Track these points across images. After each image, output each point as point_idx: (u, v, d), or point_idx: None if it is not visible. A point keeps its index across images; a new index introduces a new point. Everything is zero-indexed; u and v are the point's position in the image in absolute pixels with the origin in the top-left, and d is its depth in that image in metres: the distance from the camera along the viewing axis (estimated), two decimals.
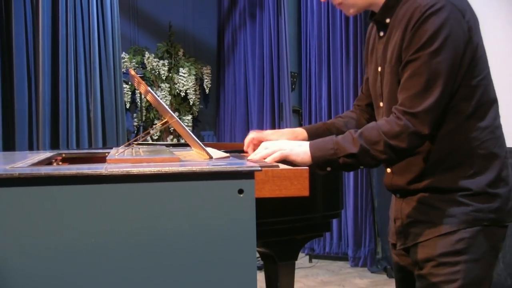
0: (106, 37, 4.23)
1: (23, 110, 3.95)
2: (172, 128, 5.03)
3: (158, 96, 2.75)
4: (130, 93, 5.28)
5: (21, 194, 1.04)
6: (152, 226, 1.07)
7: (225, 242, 1.09)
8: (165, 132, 5.29)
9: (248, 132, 1.64)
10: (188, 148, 2.10)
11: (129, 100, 5.26)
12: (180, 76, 5.39)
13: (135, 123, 5.31)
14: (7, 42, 3.95)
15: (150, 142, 4.54)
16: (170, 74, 5.42)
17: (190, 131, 1.66)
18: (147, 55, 5.34)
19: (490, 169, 1.42)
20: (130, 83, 5.16)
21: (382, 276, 4.09)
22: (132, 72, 1.57)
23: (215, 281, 1.09)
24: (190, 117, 5.50)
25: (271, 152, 1.37)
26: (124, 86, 4.94)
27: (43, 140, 3.92)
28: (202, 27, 5.69)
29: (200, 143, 1.39)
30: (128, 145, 1.67)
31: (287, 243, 2.04)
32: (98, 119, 4.17)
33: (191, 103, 5.48)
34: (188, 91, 5.42)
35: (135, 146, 1.92)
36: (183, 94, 5.43)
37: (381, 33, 1.51)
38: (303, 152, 1.38)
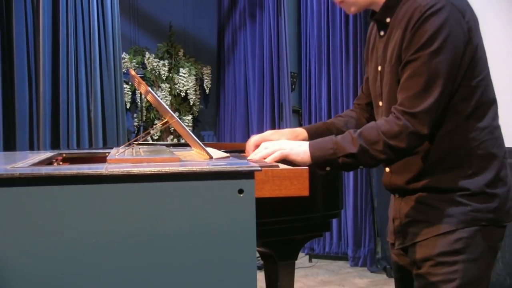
0: (106, 37, 4.23)
1: (24, 110, 3.95)
2: (172, 128, 5.03)
3: (158, 96, 2.74)
4: (130, 93, 5.28)
5: (21, 194, 1.04)
6: (152, 226, 1.07)
7: (225, 242, 1.09)
8: (165, 132, 5.29)
9: (248, 132, 1.64)
10: (188, 148, 2.11)
11: (129, 100, 5.27)
12: (180, 76, 5.40)
13: (136, 123, 5.31)
14: (8, 42, 3.95)
15: (151, 142, 4.55)
16: (170, 74, 5.42)
17: (190, 131, 1.66)
18: (147, 55, 5.35)
19: (489, 169, 1.42)
20: (130, 83, 5.16)
21: (382, 276, 4.09)
22: (133, 72, 1.56)
23: (215, 281, 1.09)
24: (190, 117, 5.50)
25: (271, 152, 1.38)
26: (125, 86, 4.94)
27: (43, 140, 3.93)
28: (202, 28, 5.69)
29: (200, 143, 1.39)
30: (129, 145, 1.67)
31: (287, 243, 2.04)
32: (98, 119, 4.17)
33: (191, 103, 5.48)
34: (188, 91, 5.42)
35: (135, 146, 1.92)
36: (183, 94, 5.43)
37: (381, 32, 1.51)
38: (303, 152, 1.38)
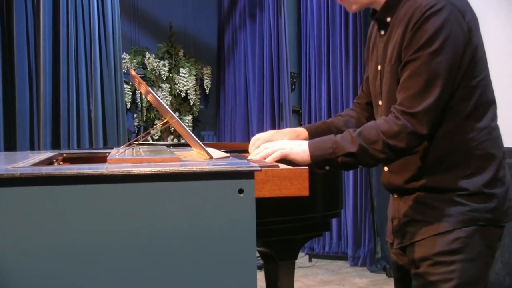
0: (106, 37, 4.23)
1: (24, 110, 3.96)
2: (172, 128, 5.03)
3: (159, 96, 2.75)
4: (130, 93, 5.28)
5: (22, 194, 1.04)
6: (153, 225, 1.07)
7: (225, 242, 1.09)
8: (165, 132, 5.29)
9: (248, 132, 1.65)
10: (188, 148, 2.11)
11: (129, 100, 5.27)
12: (181, 76, 5.40)
13: (136, 123, 5.32)
14: (9, 42, 3.95)
15: (151, 142, 4.55)
16: (171, 75, 5.42)
17: (191, 131, 1.66)
18: (147, 55, 5.35)
19: (487, 169, 1.43)
20: (130, 84, 5.16)
21: (382, 276, 4.09)
22: (133, 73, 1.57)
23: (215, 280, 1.09)
24: (190, 117, 5.50)
25: (271, 152, 1.38)
26: (125, 86, 4.94)
27: (44, 140, 3.93)
28: (202, 28, 5.69)
29: (200, 143, 1.39)
30: (129, 145, 1.67)
31: (287, 243, 2.04)
32: (99, 119, 4.18)
33: (192, 103, 5.48)
34: (188, 91, 5.42)
35: (135, 146, 1.92)
36: (183, 94, 5.43)
37: (381, 31, 1.51)
38: (303, 151, 1.39)
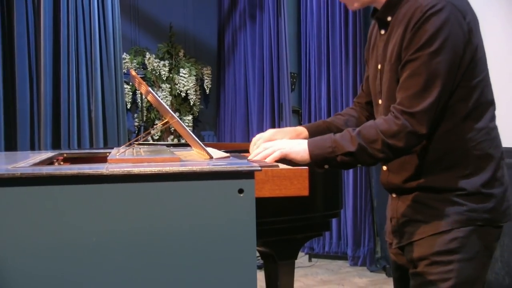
0: (107, 37, 4.24)
1: (25, 110, 3.96)
2: (172, 128, 5.03)
3: (159, 97, 2.76)
4: (131, 93, 5.28)
5: (22, 194, 1.04)
6: (153, 225, 1.07)
7: (225, 242, 1.09)
8: (165, 132, 5.30)
9: (248, 132, 1.65)
10: (188, 148, 2.11)
11: (130, 100, 5.27)
12: (181, 76, 5.40)
13: (136, 123, 5.32)
14: (9, 43, 3.96)
15: (151, 142, 4.55)
16: (171, 75, 5.42)
17: (191, 131, 1.67)
18: (147, 55, 5.35)
19: (485, 169, 1.43)
20: (131, 84, 5.17)
21: (381, 275, 4.09)
22: (133, 73, 1.57)
23: (215, 280, 1.09)
24: (190, 117, 5.50)
25: (271, 152, 1.39)
26: (125, 86, 4.95)
27: (44, 140, 3.94)
28: (202, 28, 5.70)
29: (201, 143, 1.39)
30: (129, 145, 1.67)
31: (287, 243, 2.04)
32: (99, 119, 4.18)
33: (192, 103, 5.49)
34: (188, 92, 5.43)
35: (136, 146, 1.93)
36: (183, 94, 5.43)
37: (382, 31, 1.52)
38: (303, 150, 1.39)
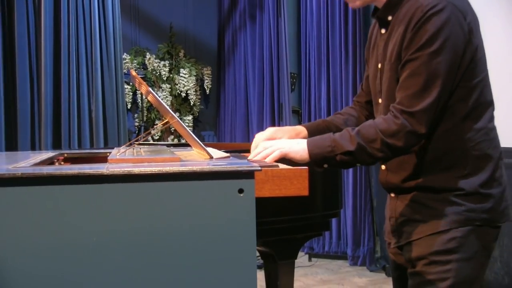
0: (107, 38, 4.25)
1: (26, 110, 3.97)
2: (173, 128, 5.04)
3: (159, 97, 2.75)
4: (131, 93, 5.29)
5: (23, 194, 1.04)
6: (153, 225, 1.07)
7: (225, 242, 1.09)
8: (166, 132, 5.30)
9: (248, 132, 1.65)
10: (188, 148, 2.11)
11: (130, 100, 5.28)
12: (181, 76, 5.41)
13: (136, 123, 5.33)
14: (10, 43, 3.96)
15: (151, 142, 4.56)
16: (171, 75, 5.43)
17: (191, 131, 1.67)
18: (148, 56, 5.36)
19: (484, 170, 1.43)
20: (131, 84, 5.17)
21: (381, 275, 4.09)
22: (133, 73, 1.57)
23: (215, 280, 1.09)
24: (190, 117, 5.51)
25: (270, 152, 1.39)
26: (126, 86, 4.95)
27: (45, 140, 3.94)
28: (202, 28, 5.70)
29: (201, 143, 1.40)
30: (130, 145, 1.68)
31: (287, 242, 2.05)
32: (99, 119, 4.19)
33: (192, 103, 5.49)
34: (188, 92, 5.43)
35: (136, 146, 1.93)
36: (183, 94, 5.44)
37: (382, 30, 1.52)
38: (302, 150, 1.39)
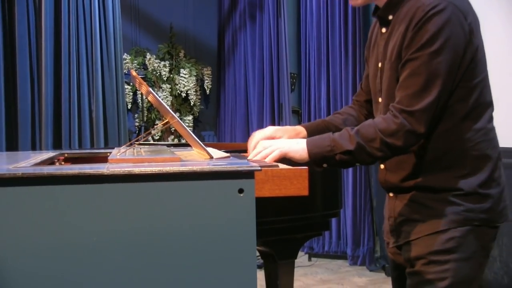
0: (108, 38, 4.25)
1: (26, 110, 3.97)
2: (173, 128, 5.04)
3: (159, 97, 2.76)
4: (131, 93, 5.29)
5: (23, 194, 1.04)
6: (153, 225, 1.07)
7: (225, 241, 1.09)
8: (166, 132, 5.30)
9: (248, 132, 1.64)
10: (189, 148, 2.12)
11: (130, 100, 5.28)
12: (181, 77, 5.41)
13: (137, 123, 5.33)
14: (11, 44, 3.97)
15: (152, 142, 4.56)
16: (171, 75, 5.43)
17: (191, 131, 1.67)
18: (148, 56, 5.36)
19: (483, 170, 1.43)
20: (131, 84, 5.18)
21: (381, 275, 4.09)
22: (134, 73, 1.57)
23: (215, 280, 1.09)
24: (191, 117, 5.51)
25: (270, 152, 1.39)
26: (126, 86, 4.95)
27: (45, 140, 3.95)
28: (202, 29, 5.71)
29: (201, 143, 1.40)
30: (130, 145, 1.68)
31: (287, 242, 2.05)
32: (100, 120, 4.19)
33: (192, 103, 5.50)
34: (189, 92, 5.43)
35: (136, 146, 1.94)
36: (184, 94, 5.44)
37: (383, 29, 1.52)
38: (301, 149, 1.40)
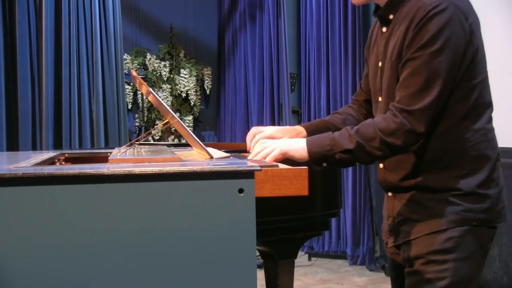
0: (108, 38, 4.25)
1: (27, 110, 3.98)
2: (173, 128, 5.04)
3: (160, 97, 2.76)
4: (132, 93, 5.30)
5: (24, 194, 1.05)
6: (153, 225, 1.08)
7: (225, 241, 1.09)
8: (166, 132, 5.31)
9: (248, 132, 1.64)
10: (189, 148, 2.12)
11: (131, 100, 5.29)
12: (181, 77, 5.41)
13: (137, 124, 5.33)
14: (11, 44, 3.97)
15: (152, 142, 4.56)
16: (171, 75, 5.44)
17: (191, 131, 1.68)
18: (148, 56, 5.36)
19: (481, 170, 1.44)
20: (132, 84, 5.18)
21: (380, 274, 4.09)
22: (134, 73, 1.57)
23: (215, 279, 1.09)
24: (191, 117, 5.52)
25: (270, 151, 1.39)
26: (126, 87, 4.96)
27: (46, 140, 3.95)
28: (203, 29, 5.71)
29: (201, 143, 1.40)
30: (130, 145, 1.69)
31: (287, 242, 2.05)
32: (100, 120, 4.20)
33: (192, 103, 5.50)
34: (189, 92, 5.44)
35: (137, 146, 1.94)
36: (184, 95, 5.45)
37: (383, 28, 1.53)
38: (301, 148, 1.40)
